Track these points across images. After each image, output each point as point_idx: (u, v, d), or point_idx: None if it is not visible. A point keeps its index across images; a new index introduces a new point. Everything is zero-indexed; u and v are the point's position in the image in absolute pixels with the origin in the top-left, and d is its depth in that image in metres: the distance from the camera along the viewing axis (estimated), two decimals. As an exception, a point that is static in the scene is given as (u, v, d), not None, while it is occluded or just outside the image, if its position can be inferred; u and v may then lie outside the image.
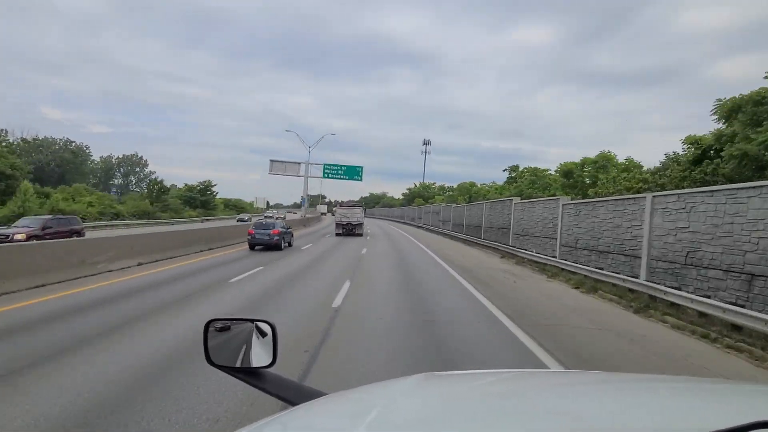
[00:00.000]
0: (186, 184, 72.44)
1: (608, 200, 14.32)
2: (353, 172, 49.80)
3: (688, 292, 9.26)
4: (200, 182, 71.35)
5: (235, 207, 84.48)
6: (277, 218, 40.01)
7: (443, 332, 7.04)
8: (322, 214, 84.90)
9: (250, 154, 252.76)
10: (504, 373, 1.93)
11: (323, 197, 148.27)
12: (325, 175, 48.93)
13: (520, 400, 1.14)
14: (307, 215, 54.06)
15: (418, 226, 50.77)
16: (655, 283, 10.40)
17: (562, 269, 14.80)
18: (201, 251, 18.34)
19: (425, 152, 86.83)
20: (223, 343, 1.45)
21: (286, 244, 21.43)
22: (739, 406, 1.04)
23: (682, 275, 9.96)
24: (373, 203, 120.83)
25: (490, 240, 25.16)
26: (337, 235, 32.97)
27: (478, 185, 60.03)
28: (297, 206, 79.49)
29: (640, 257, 11.68)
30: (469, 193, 57.59)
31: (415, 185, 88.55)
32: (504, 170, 50.71)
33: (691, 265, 9.72)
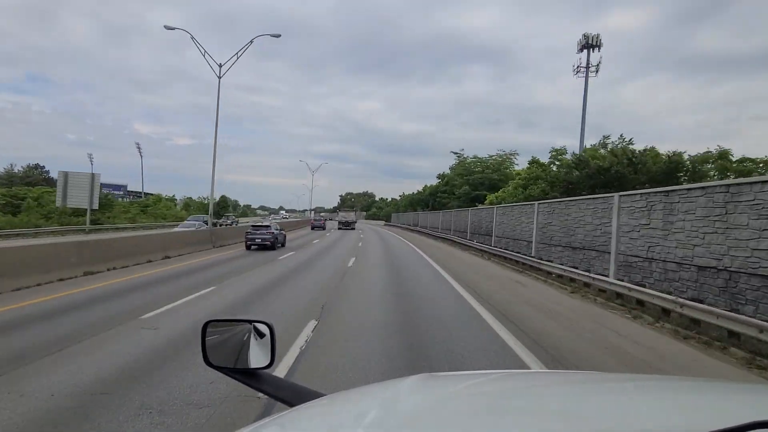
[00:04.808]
0: None
1: None
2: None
3: None
4: None
5: None
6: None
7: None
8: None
9: (320, 161, 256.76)
10: (502, 373, 1.87)
11: (371, 195, 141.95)
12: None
13: (518, 400, 1.13)
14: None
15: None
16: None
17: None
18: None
19: (587, 65, 38.69)
20: (220, 344, 1.43)
21: (324, 229, 48.55)
22: (736, 405, 1.00)
23: None
24: (443, 194, 50.02)
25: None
26: (339, 228, 51.08)
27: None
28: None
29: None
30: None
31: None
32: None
33: None
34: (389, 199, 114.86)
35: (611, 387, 1.27)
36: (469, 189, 43.07)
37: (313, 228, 48.57)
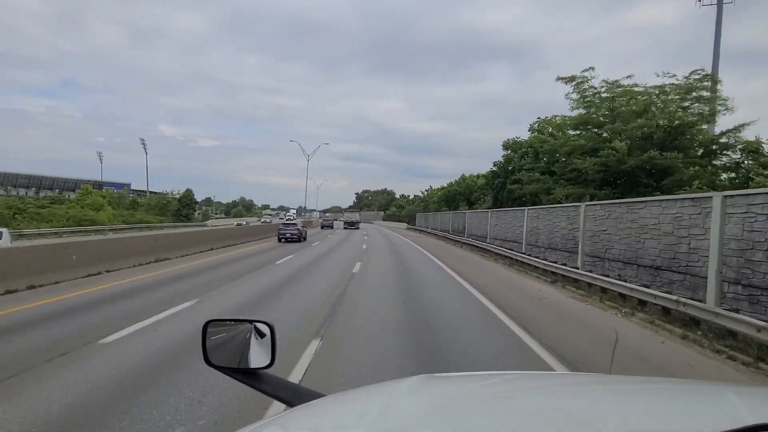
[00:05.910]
0: None
1: None
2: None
3: None
4: None
5: None
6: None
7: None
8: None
9: (339, 161, 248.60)
10: (503, 374, 1.86)
11: (390, 192, 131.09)
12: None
13: (518, 401, 1.10)
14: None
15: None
16: None
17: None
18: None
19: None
20: (221, 344, 1.43)
21: (332, 228, 51.80)
22: (739, 408, 0.98)
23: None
24: (525, 174, 25.27)
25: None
26: (344, 228, 50.69)
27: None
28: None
29: None
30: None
31: None
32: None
33: None
34: (411, 197, 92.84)
35: (613, 389, 1.24)
36: (626, 149, 17.72)
37: (322, 227, 51.45)
